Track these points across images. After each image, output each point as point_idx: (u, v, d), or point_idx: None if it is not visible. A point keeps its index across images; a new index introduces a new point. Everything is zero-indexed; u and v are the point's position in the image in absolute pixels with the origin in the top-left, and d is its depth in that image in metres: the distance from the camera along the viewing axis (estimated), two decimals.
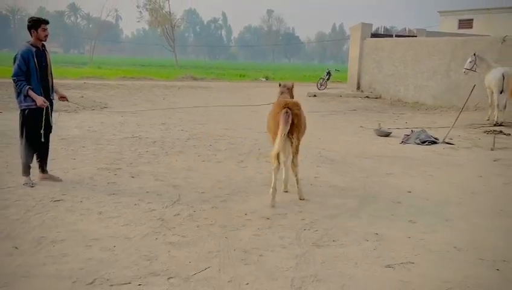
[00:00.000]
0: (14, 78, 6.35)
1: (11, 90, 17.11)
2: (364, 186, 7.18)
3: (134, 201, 6.04)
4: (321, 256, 4.56)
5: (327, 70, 29.00)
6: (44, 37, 6.49)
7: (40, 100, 6.37)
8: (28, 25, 6.49)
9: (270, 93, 24.75)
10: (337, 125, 13.73)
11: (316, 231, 5.24)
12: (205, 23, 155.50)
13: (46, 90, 6.56)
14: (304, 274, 4.17)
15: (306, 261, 4.43)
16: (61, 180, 6.79)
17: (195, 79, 33.61)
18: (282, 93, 7.15)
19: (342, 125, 13.73)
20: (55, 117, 6.91)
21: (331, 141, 10.87)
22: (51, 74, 6.70)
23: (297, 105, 6.39)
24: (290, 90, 7.19)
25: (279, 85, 7.37)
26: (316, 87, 27.21)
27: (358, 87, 24.24)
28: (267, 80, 38.32)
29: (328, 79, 28.14)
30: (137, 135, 10.75)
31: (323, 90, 25.85)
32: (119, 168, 7.68)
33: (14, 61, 6.38)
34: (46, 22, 6.53)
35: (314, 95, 23.29)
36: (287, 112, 6.17)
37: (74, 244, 4.65)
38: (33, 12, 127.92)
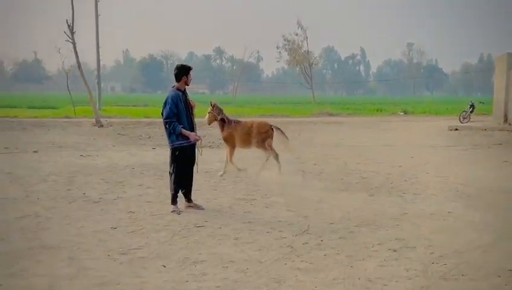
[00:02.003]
0: (167, 120, 7.17)
1: (163, 129, 18.87)
2: (502, 222, 6.86)
3: (267, 229, 6.48)
4: (448, 289, 4.54)
5: (470, 103, 27.60)
6: (190, 81, 7.37)
7: (193, 135, 7.24)
8: (177, 72, 7.34)
9: (406, 127, 24.30)
10: (478, 160, 13.08)
11: (445, 264, 5.19)
12: (343, 59, 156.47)
13: (192, 128, 7.38)
14: None
15: None
16: (203, 209, 7.52)
17: (331, 115, 34.06)
18: (221, 111, 10.30)
19: (483, 160, 13.06)
20: (197, 153, 7.69)
21: (470, 176, 10.43)
22: (193, 113, 7.50)
23: None
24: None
25: (214, 104, 10.21)
26: (458, 120, 26.02)
27: (506, 120, 22.67)
28: (405, 114, 37.46)
29: (471, 112, 26.77)
30: (272, 169, 11.31)
31: (466, 124, 24.63)
32: (255, 199, 8.25)
33: (165, 105, 7.22)
34: (192, 69, 7.42)
35: (456, 129, 22.32)
36: (278, 128, 10.32)
37: (213, 265, 5.17)
38: (184, 56, 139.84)
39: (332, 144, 16.58)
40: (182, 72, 7.33)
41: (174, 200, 7.46)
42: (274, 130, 10.29)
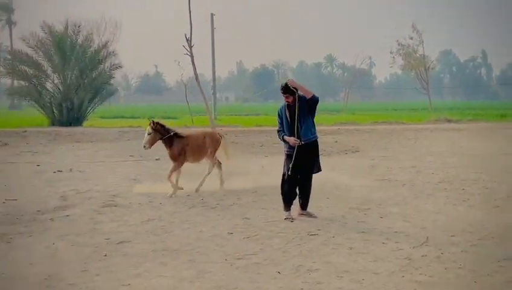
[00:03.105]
0: (277, 130, 7.67)
1: (275, 138, 19.18)
2: None
3: (382, 240, 6.33)
4: None
5: None
6: (285, 101, 7.47)
7: (291, 140, 7.37)
8: None
9: None
10: None
11: None
12: (462, 62, 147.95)
13: (293, 134, 7.40)
14: None
15: None
16: (316, 217, 7.52)
17: (449, 121, 32.38)
18: (167, 127, 9.78)
19: None
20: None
21: None
22: (301, 120, 7.42)
23: None
24: None
25: (156, 122, 9.73)
26: None
27: None
28: None
29: None
30: (386, 178, 11.04)
31: None
32: (369, 209, 8.08)
33: None
34: (281, 90, 7.41)
35: None
36: (223, 136, 10.39)
37: (327, 274, 5.15)
38: (295, 65, 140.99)
39: (451, 152, 15.75)
40: None
41: (286, 207, 7.56)
42: (222, 138, 10.28)
